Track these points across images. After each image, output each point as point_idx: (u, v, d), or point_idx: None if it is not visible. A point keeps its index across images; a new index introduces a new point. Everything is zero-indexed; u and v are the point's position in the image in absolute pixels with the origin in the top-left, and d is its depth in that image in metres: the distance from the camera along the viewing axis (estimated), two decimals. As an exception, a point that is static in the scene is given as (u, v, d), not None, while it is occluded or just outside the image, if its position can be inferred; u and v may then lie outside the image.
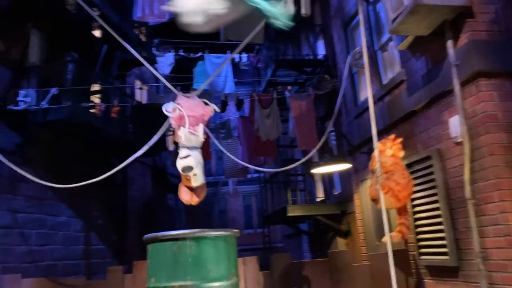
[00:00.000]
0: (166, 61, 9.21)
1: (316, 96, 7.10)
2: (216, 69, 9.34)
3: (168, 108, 3.68)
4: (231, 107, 8.56)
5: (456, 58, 4.01)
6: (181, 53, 9.32)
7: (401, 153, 4.01)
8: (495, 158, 3.69)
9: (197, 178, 3.92)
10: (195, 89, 9.05)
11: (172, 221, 10.67)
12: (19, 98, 5.61)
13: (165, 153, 9.92)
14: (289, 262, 5.11)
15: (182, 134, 3.67)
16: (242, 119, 7.84)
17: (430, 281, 4.65)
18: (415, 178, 4.79)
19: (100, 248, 7.80)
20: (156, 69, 9.67)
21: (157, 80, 11.04)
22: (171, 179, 10.70)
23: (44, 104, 5.58)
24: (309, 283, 4.99)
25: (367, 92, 5.99)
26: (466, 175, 3.89)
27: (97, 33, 8.15)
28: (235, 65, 10.43)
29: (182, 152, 3.78)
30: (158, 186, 10.26)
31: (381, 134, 5.71)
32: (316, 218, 7.02)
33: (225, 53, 9.53)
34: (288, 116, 6.97)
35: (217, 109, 3.91)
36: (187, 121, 3.63)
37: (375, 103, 5.69)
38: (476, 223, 3.81)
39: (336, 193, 7.65)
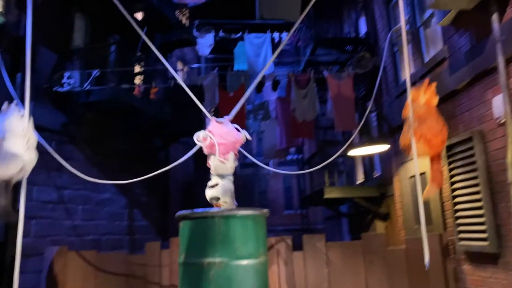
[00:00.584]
0: (206, 42, 9.23)
1: (357, 76, 6.91)
2: (255, 49, 9.29)
3: (199, 137, 3.69)
4: (270, 88, 8.49)
5: (501, 33, 3.76)
6: (221, 33, 9.31)
7: (436, 100, 3.83)
8: (540, 140, 3.46)
9: (227, 205, 3.95)
10: (235, 71, 9.07)
11: (213, 201, 10.81)
12: (64, 80, 5.84)
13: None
14: (322, 242, 5.09)
15: (212, 163, 3.69)
16: (280, 100, 7.78)
17: (469, 267, 4.48)
18: (456, 161, 4.59)
19: (143, 224, 8.10)
20: (196, 50, 9.76)
21: (198, 61, 11.16)
22: (213, 158, 10.83)
23: (86, 85, 5.79)
24: (341, 264, 4.95)
25: (413, 68, 5.78)
26: (509, 158, 3.67)
27: (139, 15, 8.31)
28: (276, 45, 10.32)
29: (212, 181, 3.83)
30: (200, 165, 10.44)
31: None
32: (355, 201, 6.91)
33: (265, 32, 9.43)
34: (327, 97, 6.84)
35: (249, 137, 3.86)
36: (218, 150, 3.63)
37: (415, 82, 5.49)
38: (518, 208, 3.62)
39: (376, 175, 7.47)
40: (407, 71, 3.86)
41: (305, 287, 4.96)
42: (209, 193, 3.81)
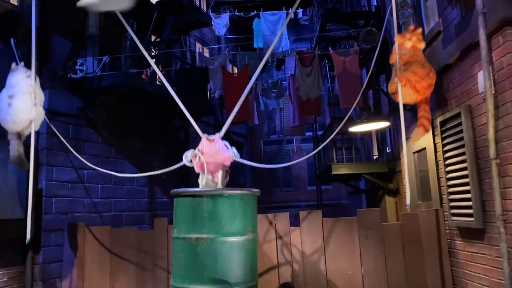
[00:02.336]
0: (222, 22, 9.35)
1: (366, 51, 6.81)
2: (271, 27, 9.32)
3: (187, 157, 3.88)
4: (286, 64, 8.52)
5: (483, 5, 3.65)
6: (236, 13, 9.39)
7: (422, 44, 3.87)
8: (518, 115, 3.39)
9: None
10: (242, 52, 9.12)
11: (236, 177, 11.16)
12: (77, 67, 6.18)
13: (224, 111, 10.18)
14: (319, 218, 5.22)
15: (203, 180, 3.89)
16: (292, 78, 7.81)
17: (461, 242, 4.49)
18: (448, 136, 4.55)
19: (164, 201, 8.49)
20: (213, 31, 9.89)
21: (218, 42, 11.29)
22: (234, 137, 11.09)
23: (97, 71, 6.10)
24: (336, 239, 5.08)
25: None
26: (490, 133, 3.62)
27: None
28: (295, 21, 10.27)
29: None
30: (221, 144, 10.72)
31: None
32: (364, 177, 6.93)
33: (280, 9, 9.42)
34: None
35: (237, 155, 4.01)
36: (206, 169, 3.82)
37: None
38: (499, 184, 3.58)
39: (388, 151, 7.43)
40: (394, 20, 3.88)
41: (303, 261, 5.15)
42: None
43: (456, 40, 4.24)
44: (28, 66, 4.40)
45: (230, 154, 3.88)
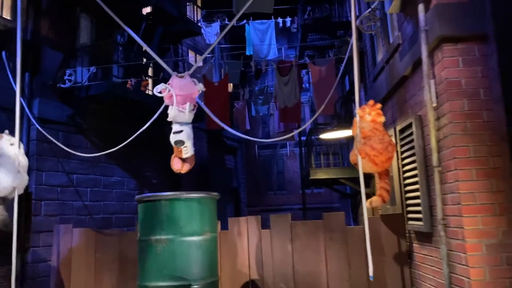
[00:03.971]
0: (213, 31, 9.68)
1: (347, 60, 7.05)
2: (259, 35, 9.61)
3: (157, 89, 4.25)
4: (270, 73, 8.81)
5: (425, 23, 3.90)
6: (226, 22, 9.70)
7: (381, 119, 4.03)
8: (454, 126, 3.63)
9: (188, 150, 4.55)
10: (230, 61, 9.44)
11: (229, 181, 11.47)
12: (66, 77, 6.55)
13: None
14: (287, 221, 5.48)
15: (172, 111, 4.24)
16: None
17: (417, 245, 4.72)
18: (404, 145, 4.79)
19: (155, 204, 8.83)
20: (202, 40, 10.22)
21: (212, 49, 11.63)
22: (228, 142, 11.41)
23: (84, 81, 6.46)
24: (304, 241, 5.33)
25: (382, 53, 5.92)
26: (433, 143, 3.87)
27: (147, 9, 8.88)
28: (287, 29, 10.55)
29: (175, 127, 4.37)
30: (214, 149, 11.03)
31: (386, 99, 5.69)
32: (341, 182, 7.17)
33: (269, 18, 9.71)
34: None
35: (203, 88, 4.39)
36: (175, 100, 4.17)
37: (383, 67, 5.66)
38: (440, 190, 3.83)
39: (366, 157, 7.61)
40: (356, 84, 4.07)
41: (272, 261, 5.41)
42: (174, 137, 4.30)
43: (409, 53, 4.48)
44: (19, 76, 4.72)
45: (197, 87, 4.20)
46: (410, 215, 4.73)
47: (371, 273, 3.81)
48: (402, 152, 4.86)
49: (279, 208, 11.75)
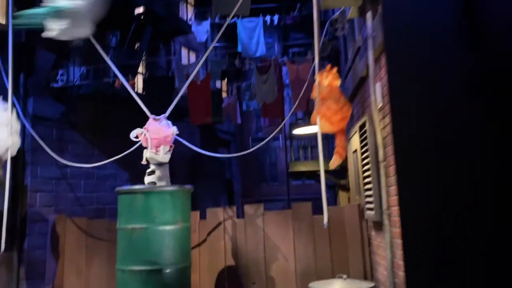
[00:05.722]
0: (203, 29, 10.05)
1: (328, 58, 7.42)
2: (248, 33, 9.97)
3: (133, 134, 4.74)
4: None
5: (372, 29, 4.27)
6: (217, 20, 10.06)
7: (338, 82, 4.38)
8: (393, 125, 4.00)
9: None
10: (215, 59, 9.75)
11: (222, 173, 11.92)
12: (58, 77, 7.01)
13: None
14: (260, 211, 5.92)
15: (147, 154, 4.72)
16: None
17: (374, 233, 5.12)
18: (362, 140, 5.17)
19: (148, 195, 9.30)
20: (195, 37, 10.60)
21: (205, 47, 12.00)
22: (221, 135, 11.83)
23: (75, 81, 6.91)
24: (274, 230, 5.77)
25: (350, 53, 6.28)
26: (379, 140, 4.26)
27: (140, 9, 9.27)
28: (279, 27, 10.89)
29: (150, 169, 4.88)
30: (207, 142, 11.45)
31: (352, 97, 6.07)
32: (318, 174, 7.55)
33: (257, 16, 10.04)
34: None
35: (176, 132, 4.85)
36: (149, 144, 4.65)
37: (351, 66, 6.03)
38: (386, 183, 4.22)
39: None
40: (316, 59, 4.49)
41: (246, 249, 5.86)
42: (146, 179, 4.87)
43: (364, 56, 4.85)
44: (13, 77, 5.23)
45: (171, 131, 4.70)
46: (367, 206, 5.13)
47: (325, 220, 4.21)
48: (362, 147, 5.25)
49: (272, 199, 12.19)
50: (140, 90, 8.56)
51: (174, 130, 4.78)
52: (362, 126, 5.19)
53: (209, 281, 5.78)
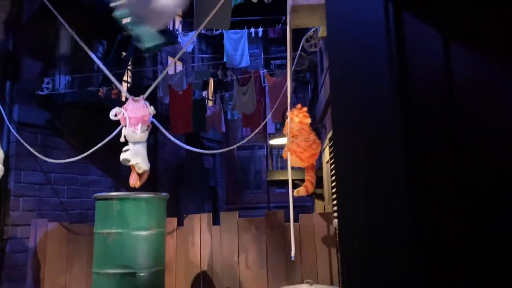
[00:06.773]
0: (189, 40, 10.31)
1: (310, 72, 7.73)
2: (234, 45, 10.26)
3: (113, 112, 4.97)
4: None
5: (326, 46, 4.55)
6: (203, 31, 10.34)
7: (307, 120, 4.62)
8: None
9: (139, 166, 5.24)
10: (199, 70, 10.07)
11: (207, 180, 12.13)
12: (44, 85, 7.23)
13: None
14: (235, 218, 6.16)
15: (125, 132, 4.95)
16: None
17: (341, 240, 5.38)
18: (331, 152, 5.45)
19: (131, 201, 9.50)
20: (181, 48, 10.86)
21: (193, 57, 12.29)
22: (206, 142, 12.07)
23: (61, 89, 7.13)
24: (249, 236, 6.01)
25: (324, 69, 6.57)
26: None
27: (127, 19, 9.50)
28: (265, 38, 11.20)
29: (126, 146, 5.10)
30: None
31: (325, 110, 6.35)
32: (295, 183, 7.85)
33: (242, 28, 10.35)
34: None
35: (153, 111, 5.09)
36: (128, 122, 4.88)
37: (324, 81, 6.31)
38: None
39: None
40: (288, 96, 4.73)
41: (221, 254, 6.09)
42: (121, 156, 5.04)
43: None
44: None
45: (148, 111, 4.93)
46: (334, 214, 5.40)
47: (293, 254, 4.42)
48: (331, 158, 5.53)
49: (256, 206, 12.42)
50: (124, 99, 8.77)
51: (151, 110, 4.99)
52: (331, 139, 5.48)
53: (185, 285, 5.99)
